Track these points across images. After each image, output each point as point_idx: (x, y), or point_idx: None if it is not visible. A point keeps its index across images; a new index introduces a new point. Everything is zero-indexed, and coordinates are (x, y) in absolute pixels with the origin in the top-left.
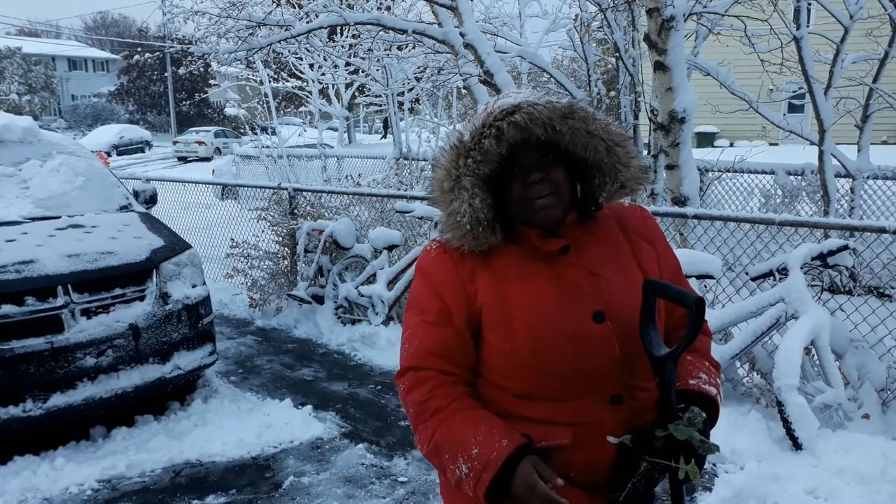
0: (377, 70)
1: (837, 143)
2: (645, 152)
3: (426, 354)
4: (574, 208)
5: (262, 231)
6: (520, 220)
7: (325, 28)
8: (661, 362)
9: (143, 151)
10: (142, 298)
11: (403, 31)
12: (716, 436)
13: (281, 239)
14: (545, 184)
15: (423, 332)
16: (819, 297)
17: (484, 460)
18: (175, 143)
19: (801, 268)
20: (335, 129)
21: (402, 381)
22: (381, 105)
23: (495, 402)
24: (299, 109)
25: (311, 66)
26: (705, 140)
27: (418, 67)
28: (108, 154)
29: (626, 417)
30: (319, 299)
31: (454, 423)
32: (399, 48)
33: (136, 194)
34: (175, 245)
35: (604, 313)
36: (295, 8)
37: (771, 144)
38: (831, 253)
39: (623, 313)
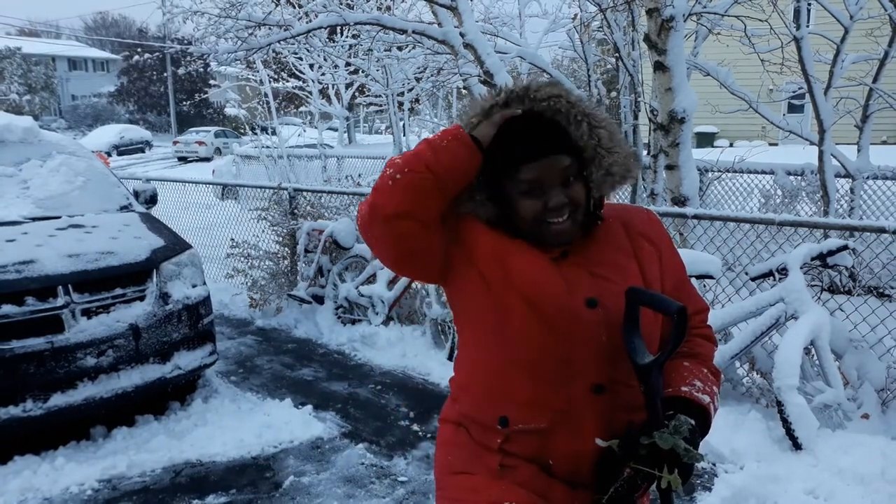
0: (377, 70)
1: (837, 143)
2: (645, 152)
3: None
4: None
5: (262, 231)
6: (523, 230)
7: (325, 28)
8: (646, 370)
9: (143, 151)
10: (142, 298)
11: (403, 32)
12: (715, 436)
13: (281, 239)
14: (565, 207)
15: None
16: (819, 297)
17: (449, 131)
18: (175, 143)
19: (801, 268)
20: (335, 130)
21: (364, 204)
22: (381, 105)
23: (479, 374)
24: (299, 109)
25: (312, 66)
26: (705, 140)
27: (418, 68)
28: (109, 154)
29: (607, 409)
30: (319, 299)
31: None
32: (399, 48)
33: (136, 194)
34: (175, 245)
35: (597, 301)
36: (294, 8)
37: (771, 144)
38: (831, 253)
39: (616, 306)
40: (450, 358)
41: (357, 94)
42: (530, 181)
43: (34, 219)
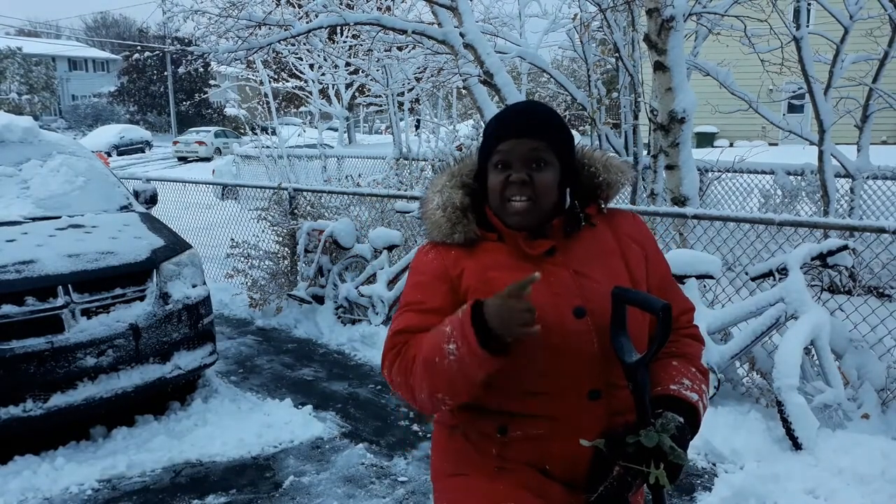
0: (377, 70)
1: (837, 143)
2: (645, 152)
3: (400, 332)
4: (561, 214)
5: (262, 231)
6: (492, 208)
7: (325, 28)
8: (633, 368)
9: (143, 151)
10: (142, 298)
11: (403, 32)
12: (715, 436)
13: (281, 239)
14: (526, 187)
15: (405, 317)
16: (819, 297)
17: (457, 324)
18: (175, 143)
19: (801, 268)
20: (335, 130)
21: (383, 366)
22: (381, 105)
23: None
24: (299, 109)
25: (312, 66)
26: (705, 140)
27: (418, 68)
28: (109, 154)
29: (603, 413)
30: (319, 299)
31: (425, 343)
32: (399, 48)
33: (136, 194)
34: (175, 245)
35: (585, 309)
36: (295, 8)
37: (771, 144)
38: (831, 253)
39: (605, 311)
40: None
41: (357, 94)
42: (502, 153)
43: (34, 219)
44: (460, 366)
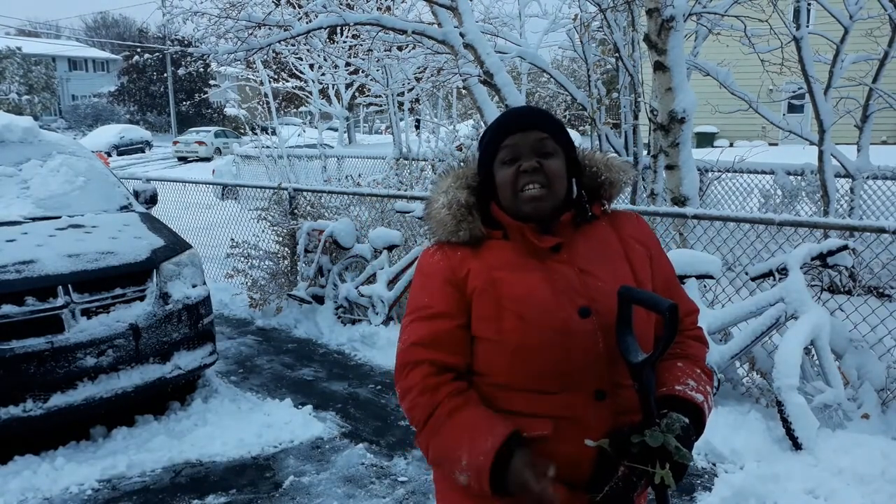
0: (377, 70)
1: (837, 143)
2: (645, 152)
3: (411, 346)
4: (570, 208)
5: (262, 231)
6: (504, 207)
7: (325, 28)
8: (639, 368)
9: (143, 152)
10: (142, 298)
11: (403, 32)
12: (715, 436)
13: (281, 239)
14: (538, 174)
15: (414, 327)
16: (819, 297)
17: (476, 467)
18: (175, 143)
19: (801, 268)
20: (335, 130)
21: (397, 385)
22: (381, 105)
23: (481, 389)
24: (299, 109)
25: (312, 66)
26: (705, 140)
27: (418, 68)
28: (109, 154)
29: (609, 414)
30: (319, 299)
31: (442, 434)
32: (399, 48)
33: (136, 194)
34: (175, 245)
35: (590, 309)
36: (294, 8)
37: (771, 144)
38: (831, 253)
39: (609, 310)
40: None
41: (357, 94)
42: (509, 148)
43: (34, 219)
44: (470, 489)
